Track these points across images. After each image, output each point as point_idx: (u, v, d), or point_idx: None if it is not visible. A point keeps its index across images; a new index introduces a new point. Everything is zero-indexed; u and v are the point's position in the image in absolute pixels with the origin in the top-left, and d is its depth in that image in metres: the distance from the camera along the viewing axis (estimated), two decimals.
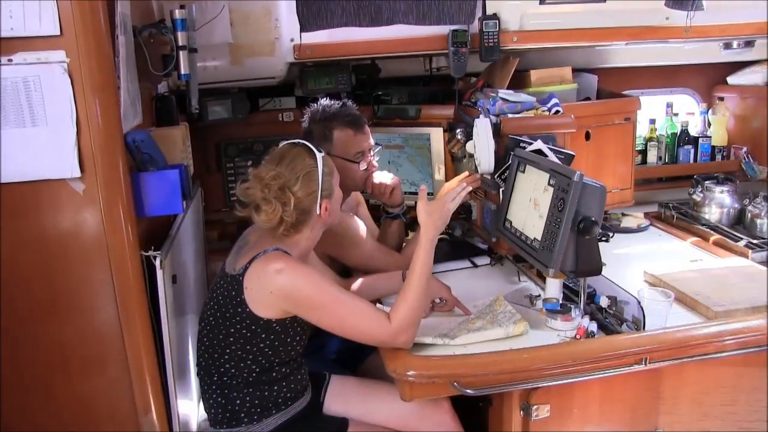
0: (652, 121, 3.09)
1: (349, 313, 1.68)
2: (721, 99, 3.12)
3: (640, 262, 2.32)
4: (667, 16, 2.49)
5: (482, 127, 2.05)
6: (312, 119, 2.27)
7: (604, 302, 1.88)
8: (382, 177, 2.31)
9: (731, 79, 3.16)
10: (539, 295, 2.06)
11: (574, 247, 1.75)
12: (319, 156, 1.76)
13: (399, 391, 1.72)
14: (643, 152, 3.09)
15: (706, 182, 2.69)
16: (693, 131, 3.12)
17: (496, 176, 2.13)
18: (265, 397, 1.78)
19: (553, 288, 1.94)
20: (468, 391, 1.64)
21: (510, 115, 2.19)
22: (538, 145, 2.05)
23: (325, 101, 2.29)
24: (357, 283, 2.11)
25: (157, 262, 1.65)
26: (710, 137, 3.09)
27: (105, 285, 1.63)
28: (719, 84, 3.20)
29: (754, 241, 2.36)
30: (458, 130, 2.31)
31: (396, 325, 1.68)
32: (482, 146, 2.05)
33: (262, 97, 2.90)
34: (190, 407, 2.13)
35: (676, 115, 3.14)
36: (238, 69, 2.51)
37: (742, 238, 2.38)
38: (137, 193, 1.67)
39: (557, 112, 2.23)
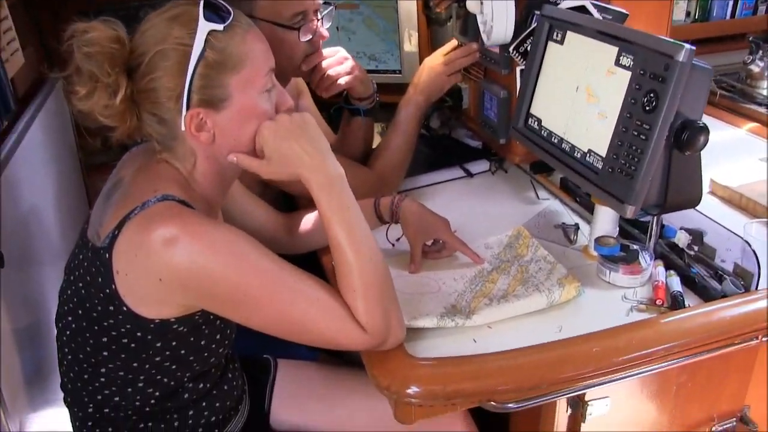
0: None
1: (305, 308, 0.97)
2: None
3: None
4: None
5: None
6: None
7: (681, 240, 1.26)
8: (335, 63, 1.53)
9: None
10: (577, 226, 1.42)
11: (664, 169, 1.08)
12: (204, 27, 0.94)
13: (393, 411, 1.08)
14: None
15: None
16: None
17: (511, 48, 1.40)
18: (174, 430, 1.11)
19: (608, 221, 1.30)
20: (510, 405, 1.03)
21: None
22: None
23: None
24: (307, 222, 1.39)
25: None
26: None
27: None
28: None
29: None
30: None
31: (373, 332, 0.99)
32: (498, 4, 1.29)
33: None
34: None
35: None
36: None
37: None
38: None
39: None
